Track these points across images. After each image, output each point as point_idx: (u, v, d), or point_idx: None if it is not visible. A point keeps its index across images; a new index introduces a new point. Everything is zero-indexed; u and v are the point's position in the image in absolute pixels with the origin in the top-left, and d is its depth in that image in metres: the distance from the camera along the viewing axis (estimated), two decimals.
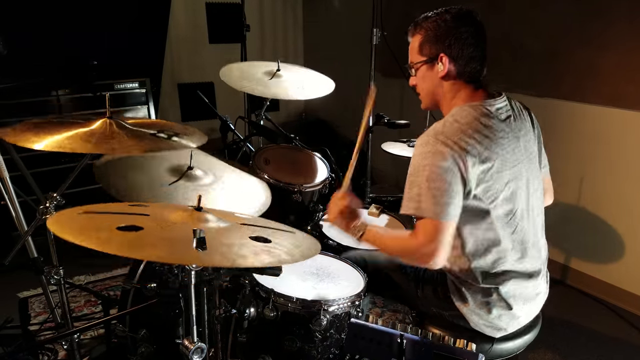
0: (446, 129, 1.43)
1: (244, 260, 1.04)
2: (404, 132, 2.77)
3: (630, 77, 2.64)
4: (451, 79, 1.51)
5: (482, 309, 1.56)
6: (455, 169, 1.38)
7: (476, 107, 1.48)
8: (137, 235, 1.06)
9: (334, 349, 1.60)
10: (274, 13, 4.99)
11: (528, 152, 1.55)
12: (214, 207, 1.35)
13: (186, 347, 1.20)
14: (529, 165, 1.54)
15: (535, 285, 1.60)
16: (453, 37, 1.46)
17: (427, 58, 1.52)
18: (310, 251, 1.20)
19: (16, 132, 1.37)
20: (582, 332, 2.65)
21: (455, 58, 1.48)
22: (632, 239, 2.80)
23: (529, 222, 1.56)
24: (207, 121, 4.36)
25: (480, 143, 1.41)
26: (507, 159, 1.46)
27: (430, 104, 1.61)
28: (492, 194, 1.45)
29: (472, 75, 1.50)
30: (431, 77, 1.54)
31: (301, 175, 2.31)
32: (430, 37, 1.50)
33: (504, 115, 1.50)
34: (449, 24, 1.47)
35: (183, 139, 1.50)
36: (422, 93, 1.61)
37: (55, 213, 1.52)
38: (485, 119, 1.45)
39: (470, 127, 1.42)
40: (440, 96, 1.56)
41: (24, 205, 1.97)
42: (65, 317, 1.77)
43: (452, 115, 1.48)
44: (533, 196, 1.57)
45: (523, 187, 1.52)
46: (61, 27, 3.35)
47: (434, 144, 1.40)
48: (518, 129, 1.52)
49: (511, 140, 1.48)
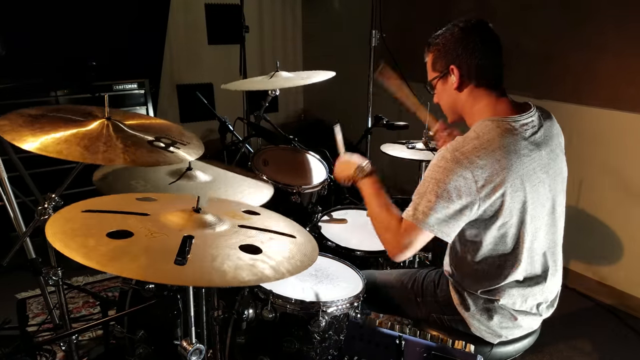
0: (465, 146, 1.40)
1: (222, 277, 1.03)
2: (402, 133, 2.77)
3: (627, 80, 2.65)
4: (466, 88, 1.51)
5: (483, 314, 1.55)
6: (462, 188, 1.37)
7: (498, 123, 1.44)
8: (122, 244, 1.06)
9: (332, 350, 1.60)
10: (273, 14, 4.99)
11: (554, 169, 1.50)
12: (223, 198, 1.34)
13: (184, 348, 1.20)
14: (552, 183, 1.50)
15: (543, 296, 1.58)
16: (461, 48, 1.47)
17: (440, 73, 1.53)
18: (302, 264, 1.18)
19: (12, 123, 1.36)
20: (581, 334, 2.65)
21: (465, 67, 1.48)
22: (630, 241, 2.80)
23: (545, 237, 1.53)
24: (206, 122, 4.37)
25: (499, 161, 1.37)
26: (526, 179, 1.41)
27: (454, 117, 1.60)
28: (506, 212, 1.42)
29: (487, 81, 1.49)
30: (447, 91, 1.54)
31: (300, 177, 2.31)
32: (441, 52, 1.51)
33: (529, 132, 1.45)
34: (456, 36, 1.47)
35: (180, 150, 1.50)
36: (444, 108, 1.61)
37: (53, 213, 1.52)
38: (507, 136, 1.41)
39: (490, 145, 1.39)
40: (461, 107, 1.55)
41: (22, 206, 1.97)
42: (64, 318, 1.76)
43: (474, 130, 1.46)
44: (554, 212, 1.53)
45: (543, 205, 1.48)
46: (60, 28, 3.35)
47: (449, 160, 1.39)
48: (544, 145, 1.47)
49: (533, 159, 1.43)
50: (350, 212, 2.39)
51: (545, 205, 1.49)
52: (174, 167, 1.86)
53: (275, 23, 5.02)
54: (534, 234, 1.49)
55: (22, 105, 3.08)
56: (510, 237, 1.46)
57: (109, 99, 1.48)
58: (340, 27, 4.73)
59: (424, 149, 2.48)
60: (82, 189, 1.96)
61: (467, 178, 1.36)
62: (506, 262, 1.50)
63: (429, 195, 1.39)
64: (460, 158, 1.37)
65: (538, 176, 1.45)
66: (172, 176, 1.83)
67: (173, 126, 1.70)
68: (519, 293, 1.53)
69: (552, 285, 1.62)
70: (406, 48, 3.94)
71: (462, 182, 1.36)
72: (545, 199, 1.49)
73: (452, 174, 1.37)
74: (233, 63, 4.07)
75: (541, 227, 1.50)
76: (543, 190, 1.47)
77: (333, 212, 2.37)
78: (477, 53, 1.46)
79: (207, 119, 4.33)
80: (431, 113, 2.04)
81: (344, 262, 1.84)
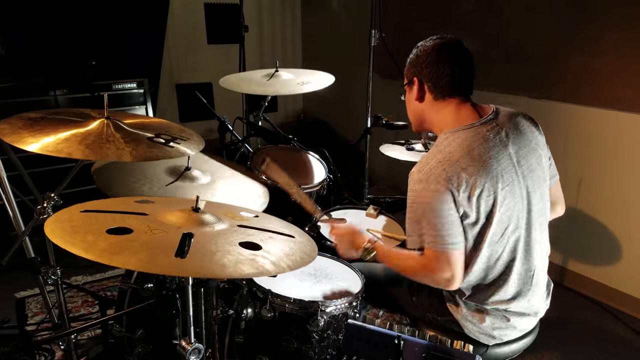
0: (429, 163, 1.45)
1: (223, 270, 1.04)
2: (401, 133, 2.78)
3: (626, 81, 2.65)
4: (426, 100, 1.57)
5: (474, 317, 1.56)
6: (445, 202, 1.41)
7: (460, 132, 1.49)
8: (122, 239, 1.06)
9: (331, 350, 1.60)
10: (273, 14, 4.99)
11: (526, 167, 1.51)
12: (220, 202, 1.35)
13: (183, 347, 1.20)
14: (527, 181, 1.50)
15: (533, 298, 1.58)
16: (426, 62, 1.53)
17: (407, 81, 1.61)
18: (303, 260, 1.19)
19: (12, 127, 1.37)
20: (580, 334, 2.66)
21: (426, 80, 1.54)
22: (629, 241, 2.81)
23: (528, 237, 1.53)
24: (206, 122, 4.36)
25: (465, 170, 1.40)
26: (497, 180, 1.43)
27: (417, 126, 1.67)
28: (484, 215, 1.45)
29: (446, 93, 1.53)
30: (410, 100, 1.62)
31: (299, 177, 2.31)
32: (412, 62, 1.59)
33: (492, 134, 1.48)
34: (426, 51, 1.54)
35: (181, 145, 1.50)
36: (409, 115, 1.67)
37: (52, 213, 1.52)
38: (467, 143, 1.45)
39: (452, 156, 1.43)
40: (424, 117, 1.61)
41: (21, 206, 1.97)
42: (63, 318, 1.76)
43: (437, 145, 1.51)
44: (534, 211, 1.53)
45: (519, 204, 1.49)
46: (60, 28, 3.34)
47: (422, 181, 1.44)
48: (511, 145, 1.48)
49: (501, 159, 1.45)
50: (350, 211, 2.39)
51: (522, 204, 1.50)
52: (172, 167, 1.86)
53: (274, 23, 5.02)
54: (514, 235, 1.50)
55: (22, 105, 3.09)
56: (489, 239, 1.47)
57: (108, 98, 1.48)
58: (340, 26, 4.73)
59: (423, 151, 2.48)
60: (81, 189, 1.96)
61: (442, 192, 1.40)
62: (488, 265, 1.51)
63: (429, 221, 1.43)
64: (428, 176, 1.43)
65: (510, 175, 1.46)
66: (170, 177, 1.83)
67: (172, 124, 1.71)
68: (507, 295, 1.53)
69: (542, 285, 1.62)
70: (406, 48, 3.93)
71: (440, 196, 1.41)
72: (521, 197, 1.49)
73: (430, 193, 1.42)
74: (232, 63, 4.06)
75: (521, 226, 1.51)
76: (518, 189, 1.48)
77: (332, 212, 2.37)
78: (440, 69, 1.51)
79: (207, 118, 4.32)
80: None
81: (343, 261, 1.84)
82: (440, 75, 1.51)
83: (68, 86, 3.29)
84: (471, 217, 1.44)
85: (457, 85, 1.53)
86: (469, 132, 1.48)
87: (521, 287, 1.54)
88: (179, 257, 1.03)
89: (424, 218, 1.44)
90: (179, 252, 1.04)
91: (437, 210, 1.41)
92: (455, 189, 1.40)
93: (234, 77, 2.59)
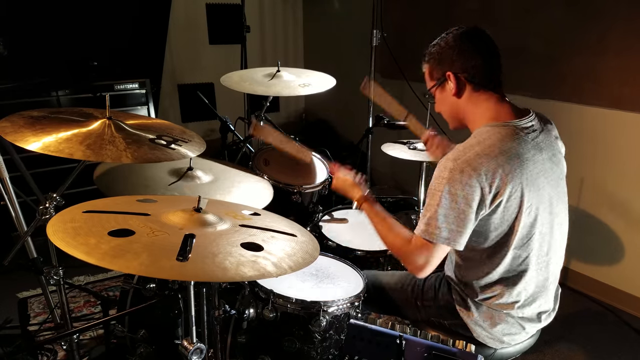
0: (466, 154, 1.39)
1: (224, 273, 1.03)
2: (403, 133, 2.77)
3: (628, 80, 2.65)
4: (464, 93, 1.50)
5: (486, 321, 1.54)
6: (473, 195, 1.36)
7: (500, 128, 1.44)
8: (123, 242, 1.06)
9: (333, 350, 1.60)
10: (274, 14, 4.99)
11: (555, 173, 1.50)
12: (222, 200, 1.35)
13: (185, 347, 1.20)
14: (554, 188, 1.49)
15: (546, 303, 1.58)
16: (455, 54, 1.47)
17: (437, 81, 1.53)
18: (304, 261, 1.19)
19: (13, 125, 1.37)
20: (581, 334, 2.65)
21: (461, 72, 1.48)
22: (631, 240, 2.80)
23: (548, 243, 1.52)
24: (207, 122, 4.37)
25: (502, 166, 1.36)
26: (530, 183, 1.41)
27: (456, 124, 1.59)
28: (510, 218, 1.42)
29: (484, 84, 1.48)
30: (446, 98, 1.54)
31: (301, 176, 2.32)
32: (436, 60, 1.52)
33: (531, 136, 1.45)
34: (450, 43, 1.48)
35: (182, 147, 1.50)
36: (445, 115, 1.60)
37: (54, 213, 1.52)
38: (508, 141, 1.41)
39: (492, 151, 1.38)
40: (462, 113, 1.54)
41: (23, 206, 1.97)
42: (65, 318, 1.77)
43: (475, 136, 1.45)
44: (556, 220, 1.52)
45: (546, 211, 1.47)
46: (62, 28, 3.35)
47: (453, 170, 1.38)
48: (545, 149, 1.47)
49: (536, 163, 1.43)
50: (351, 211, 2.39)
51: (547, 210, 1.48)
52: (174, 167, 1.86)
53: (276, 23, 5.02)
54: (538, 241, 1.48)
55: (24, 105, 3.10)
56: (514, 242, 1.45)
57: (110, 98, 1.48)
58: (341, 26, 4.73)
59: (425, 150, 2.47)
60: (84, 189, 1.97)
61: (472, 186, 1.36)
62: (508, 269, 1.49)
63: (438, 209, 1.39)
64: (463, 167, 1.37)
65: (540, 181, 1.44)
66: (173, 177, 1.83)
67: (174, 125, 1.71)
68: (522, 300, 1.52)
69: (554, 290, 1.62)
70: (407, 47, 3.94)
71: (469, 190, 1.36)
72: (548, 204, 1.48)
73: (458, 184, 1.36)
74: (234, 63, 4.07)
75: (544, 232, 1.49)
76: (547, 195, 1.47)
77: (334, 212, 2.38)
78: (472, 57, 1.47)
79: (208, 118, 4.34)
80: (418, 121, 2.05)
81: (345, 261, 1.84)
82: (475, 65, 1.46)
83: (70, 87, 3.30)
84: (495, 218, 1.41)
85: (490, 75, 1.49)
86: (508, 129, 1.43)
87: (537, 293, 1.53)
88: (180, 260, 1.03)
89: (440, 206, 1.38)
90: (180, 254, 1.04)
91: (460, 202, 1.36)
92: (487, 184, 1.36)
93: (235, 74, 2.58)
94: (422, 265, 1.43)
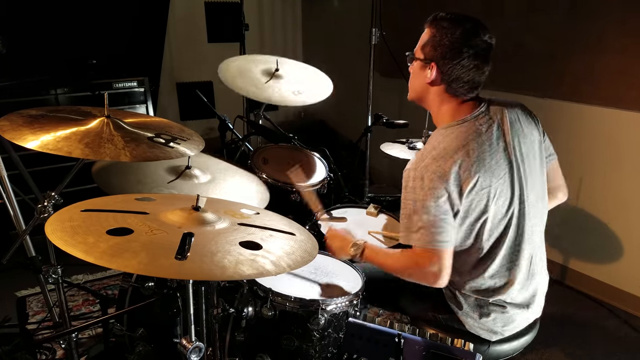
0: (424, 160, 1.45)
1: (223, 272, 1.04)
2: (402, 132, 2.78)
3: (627, 79, 2.65)
4: (438, 87, 1.52)
5: (475, 312, 1.57)
6: (439, 199, 1.41)
7: (454, 128, 1.49)
8: (122, 241, 1.06)
9: (331, 348, 1.60)
10: (273, 12, 4.99)
11: (519, 156, 1.51)
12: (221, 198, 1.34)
13: (184, 346, 1.20)
14: (522, 169, 1.51)
15: (531, 290, 1.59)
16: (450, 53, 1.45)
17: (424, 58, 1.52)
18: (303, 259, 1.19)
19: (12, 123, 1.37)
20: (580, 333, 2.65)
21: (444, 72, 1.47)
22: (629, 239, 2.81)
23: (524, 229, 1.53)
24: (206, 120, 4.37)
25: (460, 165, 1.41)
26: (492, 172, 1.45)
27: (415, 99, 1.62)
28: (479, 210, 1.46)
29: (456, 93, 1.50)
30: (420, 77, 1.54)
31: (300, 175, 2.31)
32: (435, 40, 1.48)
33: (485, 127, 1.49)
34: (455, 37, 1.44)
35: (181, 145, 1.50)
36: (410, 86, 1.62)
37: (53, 211, 1.52)
38: (463, 137, 1.46)
39: (447, 153, 1.43)
40: (426, 98, 1.57)
41: (22, 204, 1.97)
42: (63, 316, 1.77)
43: (430, 142, 1.51)
44: (529, 200, 1.53)
45: (515, 195, 1.49)
46: (60, 27, 3.35)
47: (416, 178, 1.44)
48: (504, 135, 1.49)
49: (494, 152, 1.46)
50: (350, 210, 2.38)
51: (516, 194, 1.50)
52: (173, 165, 1.86)
53: (275, 21, 5.02)
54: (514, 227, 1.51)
55: (22, 103, 3.10)
56: (487, 231, 1.48)
57: (108, 97, 1.48)
58: (340, 25, 4.72)
59: None
60: (82, 187, 1.96)
61: (437, 188, 1.41)
62: (488, 258, 1.52)
63: (421, 217, 1.43)
64: (423, 173, 1.43)
65: (503, 167, 1.47)
66: (171, 175, 1.83)
67: (172, 124, 1.71)
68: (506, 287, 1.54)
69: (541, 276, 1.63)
70: (407, 46, 3.93)
71: (434, 193, 1.41)
72: (515, 187, 1.50)
73: (425, 190, 1.42)
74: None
75: (516, 216, 1.51)
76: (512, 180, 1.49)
77: (332, 211, 2.37)
78: (461, 67, 1.45)
79: (207, 117, 4.33)
80: None
81: (344, 260, 1.84)
82: (462, 80, 1.46)
83: (69, 85, 3.29)
84: (465, 212, 1.45)
85: (473, 90, 1.50)
86: (462, 127, 1.48)
87: (520, 278, 1.55)
88: (179, 259, 1.03)
89: (417, 215, 1.44)
90: (179, 253, 1.04)
91: (430, 207, 1.42)
92: (449, 185, 1.41)
93: (233, 65, 2.54)
94: (437, 273, 1.46)
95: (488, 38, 1.46)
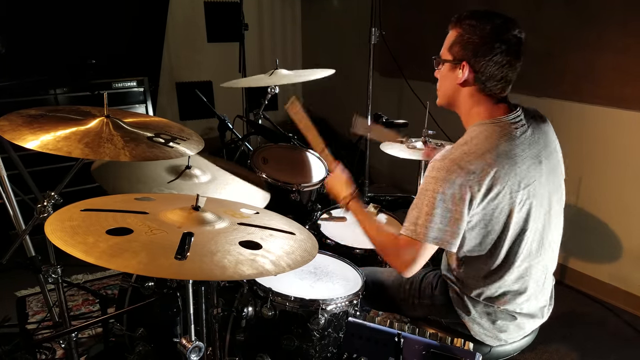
0: (453, 152, 1.40)
1: (222, 272, 1.03)
2: (402, 131, 2.77)
3: (627, 79, 2.65)
4: (470, 88, 1.47)
5: (483, 318, 1.54)
6: (458, 195, 1.36)
7: (488, 125, 1.44)
8: (121, 241, 1.06)
9: (331, 348, 1.60)
10: (273, 12, 4.99)
11: (548, 167, 1.48)
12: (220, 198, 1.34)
13: (184, 346, 1.20)
14: (549, 182, 1.49)
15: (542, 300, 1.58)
16: (482, 50, 1.40)
17: (453, 59, 1.47)
18: (303, 259, 1.19)
19: (11, 123, 1.37)
20: (580, 332, 2.66)
21: (477, 71, 1.42)
22: (629, 238, 2.81)
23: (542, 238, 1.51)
24: (206, 120, 4.37)
25: (489, 164, 1.36)
26: (521, 179, 1.40)
27: (445, 103, 1.56)
28: (504, 215, 1.41)
29: (491, 92, 1.45)
30: (451, 79, 1.49)
31: (299, 175, 2.31)
32: (464, 40, 1.43)
33: (520, 131, 1.44)
34: (484, 34, 1.39)
35: (180, 145, 1.50)
36: (440, 89, 1.56)
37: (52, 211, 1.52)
38: (495, 138, 1.41)
39: (479, 149, 1.38)
40: (457, 101, 1.51)
41: (21, 204, 1.97)
42: (63, 316, 1.76)
43: (465, 137, 1.45)
44: (552, 212, 1.51)
45: (540, 205, 1.46)
46: (60, 26, 3.34)
47: (440, 169, 1.38)
48: (535, 143, 1.46)
49: (525, 158, 1.42)
50: None
51: (542, 204, 1.48)
52: (173, 164, 1.86)
53: (274, 21, 5.02)
54: (532, 236, 1.48)
55: (22, 103, 3.10)
56: (508, 239, 1.45)
57: (108, 97, 1.48)
58: (340, 24, 4.72)
59: (424, 149, 2.48)
60: (82, 187, 1.97)
61: (460, 185, 1.36)
62: (504, 266, 1.48)
63: (426, 208, 1.39)
64: (450, 165, 1.37)
65: (532, 175, 1.43)
66: (171, 175, 1.83)
67: (172, 123, 1.70)
68: (519, 297, 1.52)
69: (550, 286, 1.62)
70: (407, 46, 3.94)
71: (457, 189, 1.36)
72: (542, 198, 1.47)
73: (446, 183, 1.36)
74: (232, 61, 4.06)
75: (538, 227, 1.49)
76: (540, 189, 1.46)
77: (332, 210, 2.37)
78: (494, 64, 1.40)
79: (207, 117, 4.34)
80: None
81: (344, 259, 1.84)
82: (495, 76, 1.41)
83: (68, 85, 3.30)
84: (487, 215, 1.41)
85: (502, 89, 1.45)
86: (496, 126, 1.43)
87: (534, 289, 1.53)
88: (179, 259, 1.03)
89: (428, 205, 1.38)
90: (179, 253, 1.04)
91: (446, 201, 1.36)
92: (475, 182, 1.35)
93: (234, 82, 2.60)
94: (408, 263, 1.43)
95: (518, 33, 1.42)
